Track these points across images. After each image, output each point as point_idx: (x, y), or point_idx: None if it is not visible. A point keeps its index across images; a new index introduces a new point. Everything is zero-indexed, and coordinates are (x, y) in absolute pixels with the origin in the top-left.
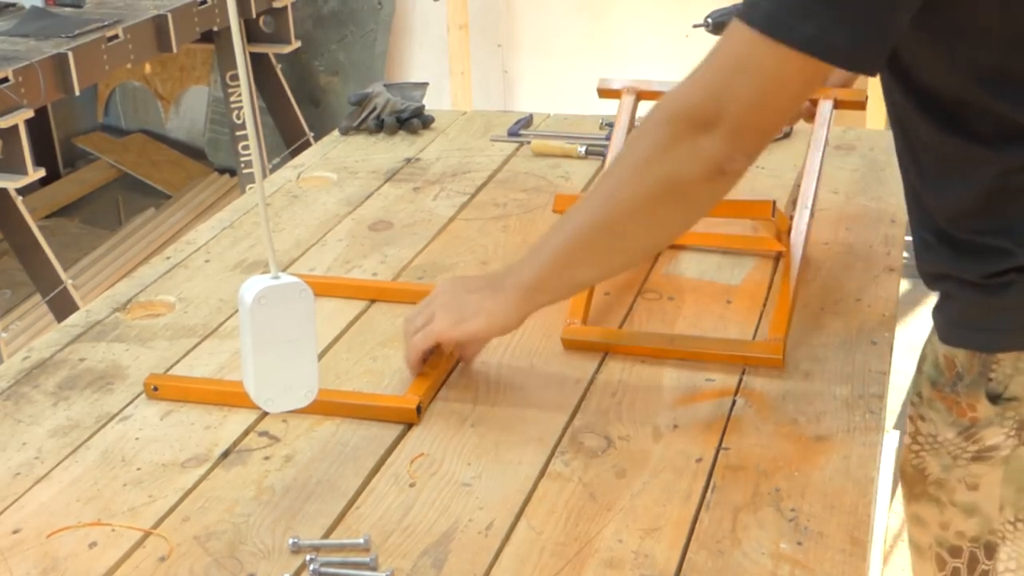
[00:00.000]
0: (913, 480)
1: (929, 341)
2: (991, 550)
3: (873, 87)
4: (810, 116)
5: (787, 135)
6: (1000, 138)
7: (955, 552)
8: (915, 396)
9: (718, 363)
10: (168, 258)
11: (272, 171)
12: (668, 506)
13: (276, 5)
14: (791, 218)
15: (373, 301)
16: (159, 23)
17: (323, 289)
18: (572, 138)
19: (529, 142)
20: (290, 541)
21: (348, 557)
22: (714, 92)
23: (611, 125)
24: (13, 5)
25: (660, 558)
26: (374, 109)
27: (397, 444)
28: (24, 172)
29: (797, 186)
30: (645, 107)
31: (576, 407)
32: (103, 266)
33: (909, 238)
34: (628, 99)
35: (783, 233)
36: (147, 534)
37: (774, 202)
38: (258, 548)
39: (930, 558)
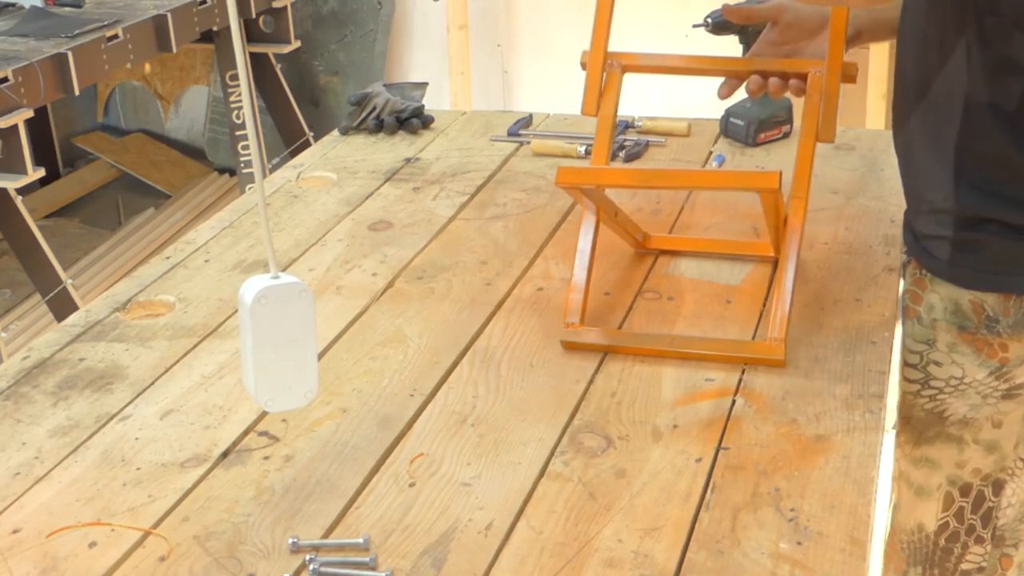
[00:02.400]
0: (926, 424)
1: (931, 291)
2: (999, 487)
3: (875, 83)
4: (798, 91)
5: (787, 135)
6: None
7: (965, 490)
8: (918, 346)
9: (718, 363)
10: (168, 258)
11: (272, 171)
12: (668, 506)
13: (276, 5)
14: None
15: (380, 295)
16: (159, 23)
17: None
18: (571, 138)
19: (528, 142)
20: (290, 541)
21: (348, 557)
22: None
23: None
24: (13, 5)
25: (660, 558)
26: (374, 109)
27: (397, 444)
28: (24, 172)
29: None
30: (630, 80)
31: (576, 407)
32: (103, 266)
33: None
34: (614, 74)
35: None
36: (147, 534)
37: (780, 173)
38: (258, 548)
39: (937, 498)
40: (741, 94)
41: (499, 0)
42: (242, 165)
